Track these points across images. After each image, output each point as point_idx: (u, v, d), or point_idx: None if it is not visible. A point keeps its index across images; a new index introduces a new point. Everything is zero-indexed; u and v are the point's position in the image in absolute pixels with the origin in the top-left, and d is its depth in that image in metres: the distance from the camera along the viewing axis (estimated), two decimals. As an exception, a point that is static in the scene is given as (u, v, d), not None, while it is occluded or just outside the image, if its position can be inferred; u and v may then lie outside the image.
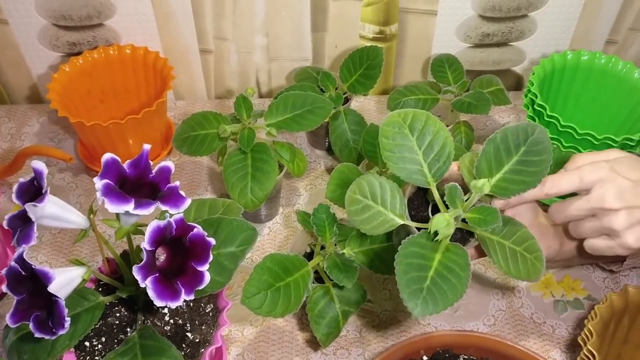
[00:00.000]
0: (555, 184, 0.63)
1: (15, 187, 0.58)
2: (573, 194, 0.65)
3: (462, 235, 0.64)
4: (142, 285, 0.54)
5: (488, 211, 0.59)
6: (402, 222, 0.60)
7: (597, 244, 0.64)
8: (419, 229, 0.61)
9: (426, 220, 0.61)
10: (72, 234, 0.87)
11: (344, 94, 0.91)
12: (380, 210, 0.60)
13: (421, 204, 0.69)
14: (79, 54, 0.94)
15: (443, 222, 0.58)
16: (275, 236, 0.89)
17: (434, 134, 0.60)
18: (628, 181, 0.62)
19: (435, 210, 0.63)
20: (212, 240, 0.57)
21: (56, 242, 0.87)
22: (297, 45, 1.02)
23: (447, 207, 0.60)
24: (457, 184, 0.60)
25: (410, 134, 0.60)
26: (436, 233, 0.58)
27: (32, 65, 1.03)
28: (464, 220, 0.61)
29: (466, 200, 0.60)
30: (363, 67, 0.90)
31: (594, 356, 0.59)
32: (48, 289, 0.53)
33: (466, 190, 0.61)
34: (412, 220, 0.63)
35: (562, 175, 0.63)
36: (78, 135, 0.96)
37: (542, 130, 0.59)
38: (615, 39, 1.04)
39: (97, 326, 0.64)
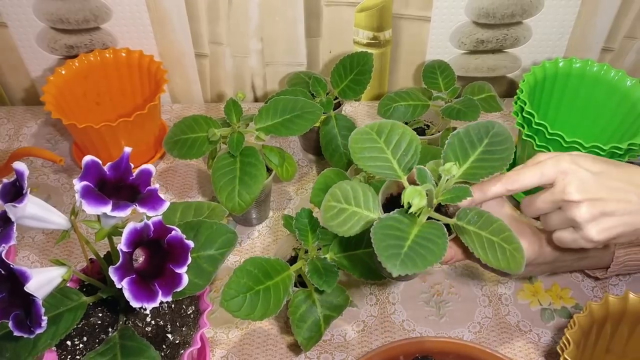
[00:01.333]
0: (516, 179, 0.63)
1: (-2, 187, 0.59)
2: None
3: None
4: (118, 286, 0.55)
5: (460, 189, 0.60)
6: (377, 217, 0.61)
7: (563, 237, 0.64)
8: None
9: None
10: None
11: (335, 99, 0.92)
12: (355, 210, 0.62)
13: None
14: (76, 56, 0.95)
15: (414, 193, 0.58)
16: (264, 239, 0.89)
17: (400, 134, 0.64)
18: (589, 173, 0.61)
19: None
20: (191, 243, 0.58)
21: (48, 243, 0.88)
22: (292, 50, 1.03)
23: None
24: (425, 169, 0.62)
25: (377, 137, 0.65)
26: (410, 206, 0.58)
27: (31, 67, 1.04)
28: (439, 210, 0.63)
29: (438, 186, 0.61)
30: (354, 72, 0.90)
31: (570, 365, 0.59)
32: (25, 288, 0.53)
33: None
34: None
35: (522, 169, 0.63)
36: (73, 137, 0.98)
37: (502, 125, 0.63)
38: (611, 46, 1.03)
39: (79, 326, 0.65)
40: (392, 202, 0.67)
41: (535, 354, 0.77)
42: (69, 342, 0.64)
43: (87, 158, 0.58)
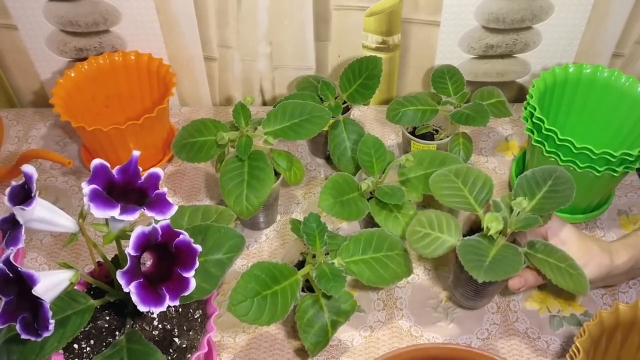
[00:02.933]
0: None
1: (7, 190, 0.59)
2: None
3: None
4: (125, 290, 0.55)
5: (530, 219, 0.69)
6: (457, 241, 0.71)
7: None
8: None
9: None
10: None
11: (343, 103, 0.92)
12: (438, 235, 0.71)
13: None
14: (85, 59, 0.96)
15: (493, 218, 0.69)
16: (272, 243, 0.89)
17: (475, 176, 0.75)
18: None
19: None
20: (199, 247, 0.58)
21: (56, 245, 0.88)
22: (301, 54, 1.02)
23: None
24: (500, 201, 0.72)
25: (455, 178, 0.75)
26: (488, 230, 0.68)
27: (41, 69, 1.05)
28: (510, 240, 0.72)
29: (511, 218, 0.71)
30: (362, 77, 0.90)
31: (580, 374, 0.58)
32: (33, 291, 0.53)
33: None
34: None
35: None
36: (82, 140, 0.98)
37: (563, 170, 0.72)
38: (621, 52, 1.03)
39: (86, 329, 0.65)
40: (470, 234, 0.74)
41: (543, 361, 0.76)
42: (76, 345, 0.64)
43: (96, 161, 0.58)
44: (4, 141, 1.02)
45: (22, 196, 0.58)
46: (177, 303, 0.57)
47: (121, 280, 0.54)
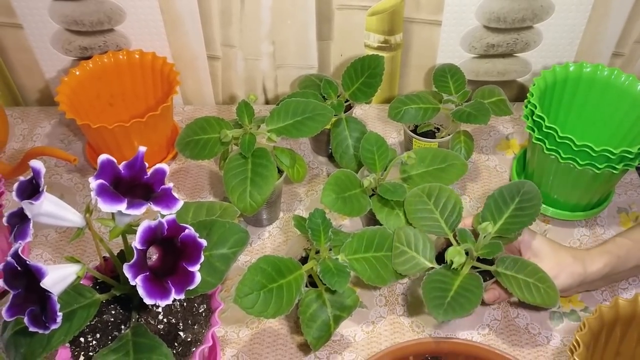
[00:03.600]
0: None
1: (15, 185, 0.60)
2: None
3: (482, 276, 0.75)
4: (132, 283, 0.55)
5: (494, 245, 0.73)
6: (430, 265, 0.74)
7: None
8: None
9: None
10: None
11: (346, 101, 0.93)
12: (414, 255, 0.75)
13: None
14: (90, 58, 0.97)
15: (455, 252, 0.72)
16: (274, 240, 0.90)
17: (446, 197, 0.78)
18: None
19: None
20: (204, 242, 0.59)
21: (61, 241, 0.89)
22: (303, 53, 1.03)
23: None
24: (466, 229, 0.75)
25: (427, 200, 0.79)
26: (452, 262, 0.72)
27: (46, 68, 1.06)
28: (479, 260, 0.74)
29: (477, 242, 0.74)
30: (364, 75, 0.91)
31: (580, 366, 0.59)
32: (41, 284, 0.54)
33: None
34: None
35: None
36: (86, 137, 0.99)
37: (532, 184, 0.76)
38: (621, 51, 1.04)
39: (92, 323, 0.66)
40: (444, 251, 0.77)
41: (544, 356, 0.77)
42: (82, 339, 0.65)
43: (103, 157, 0.59)
44: (9, 139, 1.03)
45: (30, 191, 0.59)
46: (182, 296, 0.58)
47: (128, 274, 0.55)
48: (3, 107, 0.99)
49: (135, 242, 0.56)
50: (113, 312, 0.67)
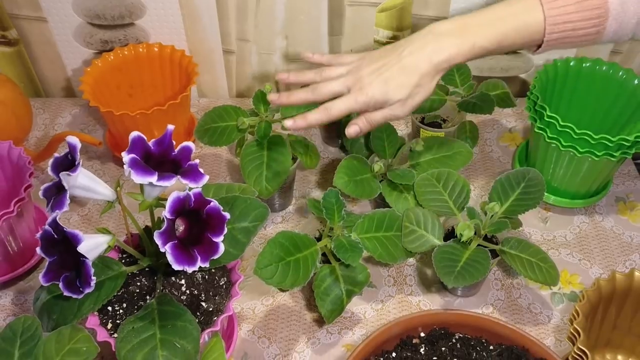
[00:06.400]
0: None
1: (50, 160, 0.64)
2: None
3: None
4: (162, 249, 0.59)
5: (500, 223, 0.77)
6: (439, 243, 0.78)
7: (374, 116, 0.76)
8: None
9: None
10: (97, 216, 0.94)
11: (356, 93, 0.97)
12: (423, 233, 0.79)
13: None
14: (110, 51, 1.01)
15: (465, 227, 0.76)
16: (287, 225, 0.94)
17: (454, 181, 0.83)
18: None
19: None
20: (227, 215, 0.63)
21: (83, 224, 0.93)
22: (315, 48, 1.08)
23: None
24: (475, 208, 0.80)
25: (437, 183, 0.83)
26: (461, 236, 0.76)
27: (67, 61, 1.10)
28: (485, 239, 0.79)
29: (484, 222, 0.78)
30: (375, 67, 0.95)
31: (579, 334, 0.63)
32: (78, 249, 0.58)
33: None
34: None
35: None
36: (107, 126, 1.03)
37: (536, 171, 0.80)
38: (619, 49, 1.08)
39: (119, 293, 0.70)
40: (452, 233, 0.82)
41: (545, 333, 0.81)
42: (109, 308, 0.69)
43: (134, 133, 0.63)
44: (32, 128, 1.07)
45: (66, 165, 0.63)
46: (207, 265, 0.62)
47: (158, 241, 0.59)
48: (26, 96, 1.03)
49: (165, 212, 0.60)
50: (138, 283, 0.71)
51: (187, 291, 0.71)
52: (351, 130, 0.74)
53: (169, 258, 0.60)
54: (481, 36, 0.70)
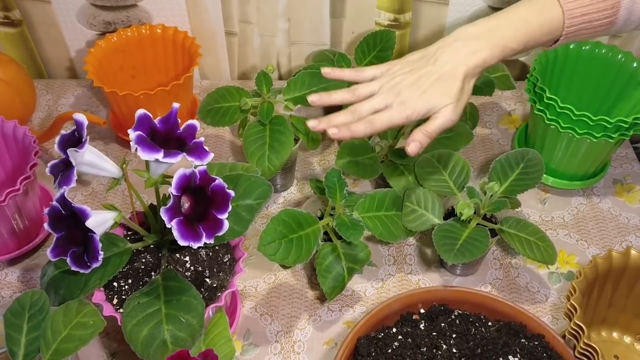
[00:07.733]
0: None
1: (57, 138, 0.65)
2: None
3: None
4: (168, 225, 0.61)
5: (500, 202, 0.78)
6: (439, 222, 0.79)
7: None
8: None
9: None
10: (100, 196, 0.95)
11: (358, 75, 0.97)
12: (423, 213, 0.80)
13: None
14: (113, 32, 1.01)
15: (465, 205, 0.77)
16: (288, 205, 0.95)
17: (454, 161, 0.84)
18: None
19: None
20: (232, 192, 0.64)
21: (86, 203, 0.94)
22: (316, 30, 1.08)
23: None
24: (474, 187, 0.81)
25: (437, 163, 0.84)
26: (461, 215, 0.77)
27: (70, 42, 1.10)
28: (485, 218, 0.81)
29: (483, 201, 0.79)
30: (377, 49, 0.96)
31: (576, 310, 0.64)
32: (86, 223, 0.59)
33: None
34: None
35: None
36: (110, 106, 1.04)
37: (535, 152, 0.81)
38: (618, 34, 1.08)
39: (124, 270, 0.71)
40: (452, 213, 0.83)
41: (542, 311, 0.82)
42: (115, 284, 0.70)
43: (140, 111, 0.64)
44: (35, 109, 1.08)
45: (72, 143, 0.64)
46: (212, 241, 0.63)
47: (165, 217, 0.60)
48: (30, 77, 1.03)
49: (172, 188, 0.61)
50: (143, 260, 0.72)
51: (192, 268, 0.72)
52: (413, 147, 0.72)
53: (175, 234, 0.61)
54: (510, 38, 0.71)
